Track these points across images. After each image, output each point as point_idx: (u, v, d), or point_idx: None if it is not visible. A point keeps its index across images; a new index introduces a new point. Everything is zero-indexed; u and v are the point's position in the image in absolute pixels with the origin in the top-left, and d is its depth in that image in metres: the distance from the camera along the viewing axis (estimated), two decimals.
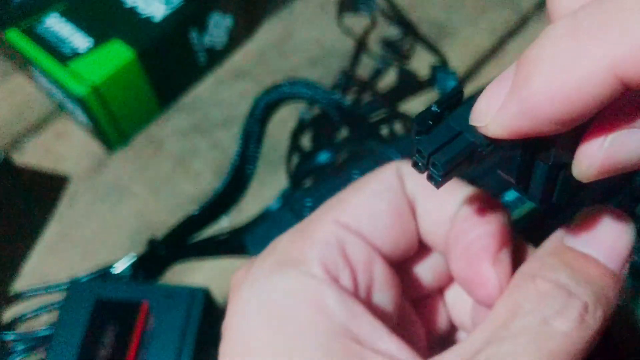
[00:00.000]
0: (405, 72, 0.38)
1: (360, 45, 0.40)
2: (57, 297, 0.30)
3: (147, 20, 0.37)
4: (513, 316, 0.12)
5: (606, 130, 0.10)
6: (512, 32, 0.40)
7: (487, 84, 0.11)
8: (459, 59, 0.39)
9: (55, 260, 0.34)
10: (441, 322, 0.16)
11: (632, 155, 0.10)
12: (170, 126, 0.38)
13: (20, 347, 0.28)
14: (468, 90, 0.38)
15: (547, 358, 0.11)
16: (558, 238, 0.13)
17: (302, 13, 0.43)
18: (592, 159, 0.10)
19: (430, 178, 0.11)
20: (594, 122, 0.10)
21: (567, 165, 0.11)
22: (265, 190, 0.34)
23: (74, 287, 0.25)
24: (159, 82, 0.38)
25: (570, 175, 0.11)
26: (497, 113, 0.10)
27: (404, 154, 0.24)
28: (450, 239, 0.14)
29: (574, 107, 0.09)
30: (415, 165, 0.11)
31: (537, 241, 0.14)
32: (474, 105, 0.11)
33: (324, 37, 0.41)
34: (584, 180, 0.11)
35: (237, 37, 0.41)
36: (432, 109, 0.11)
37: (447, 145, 0.10)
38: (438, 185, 0.11)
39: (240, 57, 0.41)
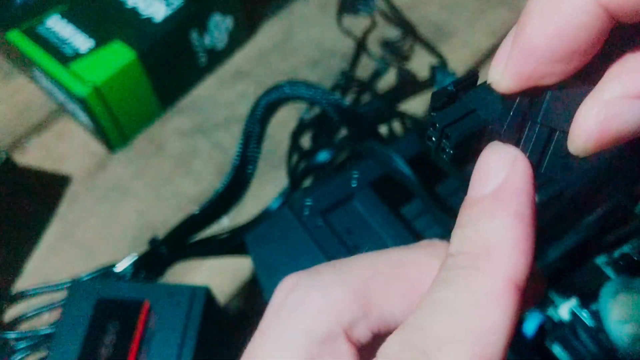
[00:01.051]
0: (405, 73, 0.38)
1: (360, 46, 0.40)
2: (58, 296, 0.30)
3: (148, 21, 0.37)
4: None
5: (601, 100, 0.10)
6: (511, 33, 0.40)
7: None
8: (458, 60, 0.39)
9: (56, 259, 0.34)
10: None
11: (630, 125, 0.10)
12: (171, 126, 0.39)
13: (22, 345, 0.28)
14: None
15: None
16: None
17: (302, 14, 0.43)
18: (587, 130, 0.10)
19: (442, 151, 0.11)
20: (590, 93, 0.10)
21: (562, 134, 0.11)
22: (266, 190, 0.35)
23: (76, 286, 0.25)
24: (160, 82, 0.38)
25: (564, 145, 0.11)
26: (505, 66, 0.11)
27: (403, 155, 0.24)
28: None
29: (567, 39, 0.10)
30: (429, 139, 0.11)
31: None
32: (490, 68, 0.11)
33: (323, 38, 0.41)
34: (581, 154, 0.10)
35: (238, 38, 0.41)
36: (449, 87, 0.11)
37: (461, 121, 0.11)
38: (450, 158, 0.11)
39: (240, 58, 0.41)
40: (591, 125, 0.10)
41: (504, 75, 0.11)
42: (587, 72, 0.11)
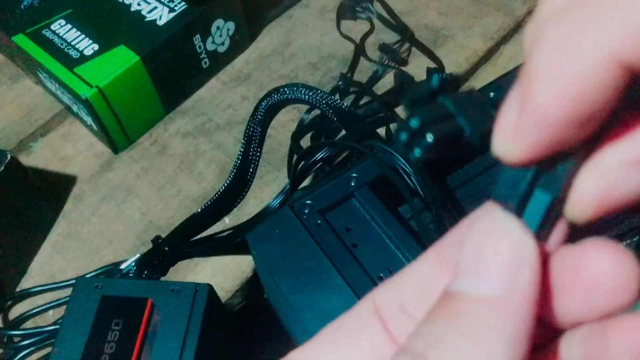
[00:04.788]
0: (403, 76, 0.39)
1: (359, 50, 0.40)
2: (63, 294, 0.31)
3: (152, 26, 0.38)
4: None
5: (601, 167, 0.09)
6: (507, 37, 0.41)
7: (481, 87, 0.11)
8: (455, 63, 0.39)
9: (61, 258, 0.34)
10: None
11: (632, 192, 0.09)
12: (174, 128, 0.39)
13: (27, 342, 0.29)
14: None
15: None
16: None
17: (301, 19, 0.44)
18: (587, 200, 0.09)
19: (411, 147, 0.10)
20: (589, 159, 0.09)
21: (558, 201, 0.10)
22: (267, 190, 0.35)
23: (80, 284, 0.26)
24: (163, 85, 0.38)
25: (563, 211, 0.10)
26: (514, 136, 0.09)
27: (402, 155, 0.25)
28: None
29: (584, 102, 0.08)
30: (401, 130, 0.10)
31: None
32: (494, 138, 0.10)
33: (323, 42, 0.42)
34: (579, 222, 0.10)
35: (239, 42, 0.42)
36: (432, 84, 0.11)
37: (439, 122, 0.10)
38: (420, 155, 0.10)
39: (241, 62, 0.42)
40: (591, 194, 0.09)
41: (514, 145, 0.09)
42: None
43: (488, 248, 0.10)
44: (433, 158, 0.10)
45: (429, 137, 0.10)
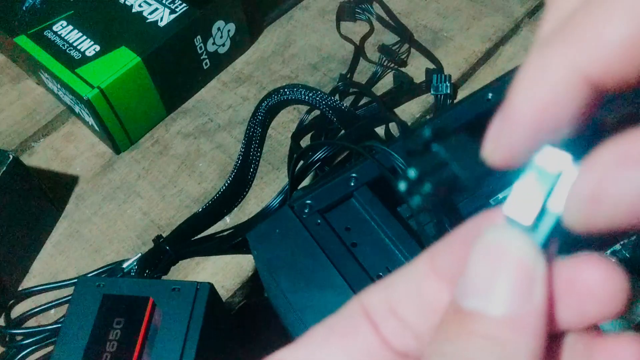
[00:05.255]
0: (402, 77, 0.39)
1: (358, 51, 0.41)
2: (65, 293, 0.31)
3: (153, 27, 0.38)
4: None
5: (594, 173, 0.09)
6: (505, 38, 0.41)
7: (480, 88, 0.11)
8: (453, 64, 0.40)
9: (63, 258, 0.35)
10: None
11: (630, 195, 0.09)
12: (175, 128, 0.40)
13: (29, 341, 0.29)
14: (464, 93, 0.39)
15: None
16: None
17: (301, 21, 0.44)
18: (579, 203, 0.09)
19: (412, 195, 0.11)
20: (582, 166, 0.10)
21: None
22: (267, 189, 0.35)
23: (82, 283, 0.26)
24: (164, 85, 0.39)
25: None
26: (495, 140, 0.10)
27: (400, 155, 0.25)
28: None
29: (553, 111, 0.09)
30: (402, 179, 0.11)
31: None
32: (484, 143, 0.11)
33: (323, 44, 0.42)
34: (576, 231, 0.10)
35: (240, 43, 0.42)
36: (424, 134, 0.11)
37: (435, 171, 0.11)
38: (420, 202, 0.11)
39: (242, 63, 0.42)
40: (586, 201, 0.09)
41: (495, 149, 0.10)
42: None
43: (502, 267, 0.10)
44: (433, 201, 0.11)
45: (427, 187, 0.11)
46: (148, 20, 0.38)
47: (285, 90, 0.30)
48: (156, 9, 0.39)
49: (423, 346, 0.11)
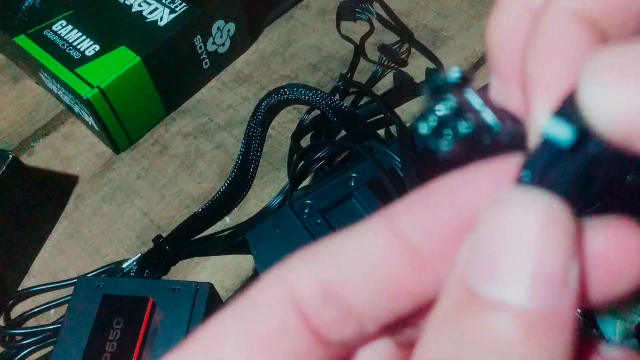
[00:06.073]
0: (402, 77, 0.39)
1: (358, 51, 0.41)
2: (65, 293, 0.31)
3: (152, 26, 0.38)
4: None
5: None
6: None
7: (480, 87, 0.11)
8: (454, 64, 0.40)
9: (63, 258, 0.35)
10: None
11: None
12: (175, 128, 0.40)
13: (29, 341, 0.29)
14: None
15: None
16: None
17: (301, 20, 0.44)
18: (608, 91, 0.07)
19: (438, 138, 0.09)
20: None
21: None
22: (267, 189, 0.35)
23: (82, 283, 0.26)
24: (164, 85, 0.39)
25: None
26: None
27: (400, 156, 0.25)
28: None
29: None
30: (423, 119, 0.09)
31: None
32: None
33: (323, 43, 0.42)
34: (601, 132, 0.07)
35: (240, 43, 0.42)
36: (451, 78, 0.09)
37: (462, 117, 0.09)
38: (448, 147, 0.09)
39: (242, 62, 0.42)
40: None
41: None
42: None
43: (538, 249, 0.08)
44: (453, 156, 0.09)
45: (463, 127, 0.09)
46: (148, 20, 0.38)
47: (285, 90, 0.30)
48: (156, 9, 0.39)
49: (366, 333, 0.09)
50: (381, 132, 0.34)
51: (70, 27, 0.39)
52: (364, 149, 0.26)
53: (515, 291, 0.08)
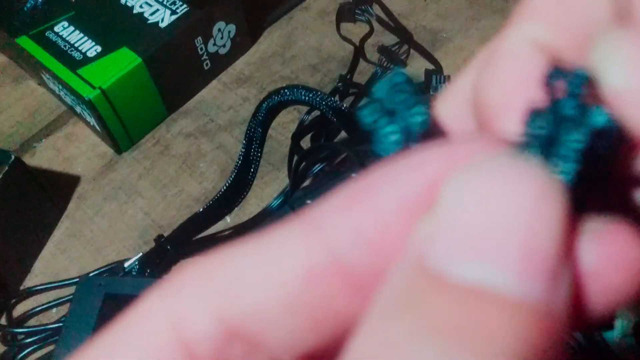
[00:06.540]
0: None
1: (358, 52, 0.41)
2: (67, 292, 0.31)
3: (154, 28, 0.38)
4: None
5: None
6: None
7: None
8: (452, 65, 0.40)
9: (65, 257, 0.35)
10: None
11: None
12: (176, 129, 0.40)
13: (31, 340, 0.29)
14: None
15: None
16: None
17: (302, 21, 0.44)
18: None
19: (381, 144, 0.09)
20: None
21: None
22: (267, 189, 0.36)
23: (84, 282, 0.26)
24: (165, 86, 0.39)
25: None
26: None
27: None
28: None
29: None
30: (369, 114, 0.09)
31: None
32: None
33: (323, 44, 0.43)
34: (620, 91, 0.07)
35: (240, 44, 0.42)
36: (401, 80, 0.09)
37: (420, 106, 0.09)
38: (399, 147, 0.09)
39: (243, 63, 0.43)
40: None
41: None
42: None
43: (530, 229, 0.06)
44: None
45: (421, 115, 0.08)
46: (149, 21, 0.39)
47: (286, 91, 0.30)
48: (157, 10, 0.39)
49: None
50: None
51: (72, 28, 0.39)
52: (359, 153, 0.26)
53: (499, 272, 0.06)
